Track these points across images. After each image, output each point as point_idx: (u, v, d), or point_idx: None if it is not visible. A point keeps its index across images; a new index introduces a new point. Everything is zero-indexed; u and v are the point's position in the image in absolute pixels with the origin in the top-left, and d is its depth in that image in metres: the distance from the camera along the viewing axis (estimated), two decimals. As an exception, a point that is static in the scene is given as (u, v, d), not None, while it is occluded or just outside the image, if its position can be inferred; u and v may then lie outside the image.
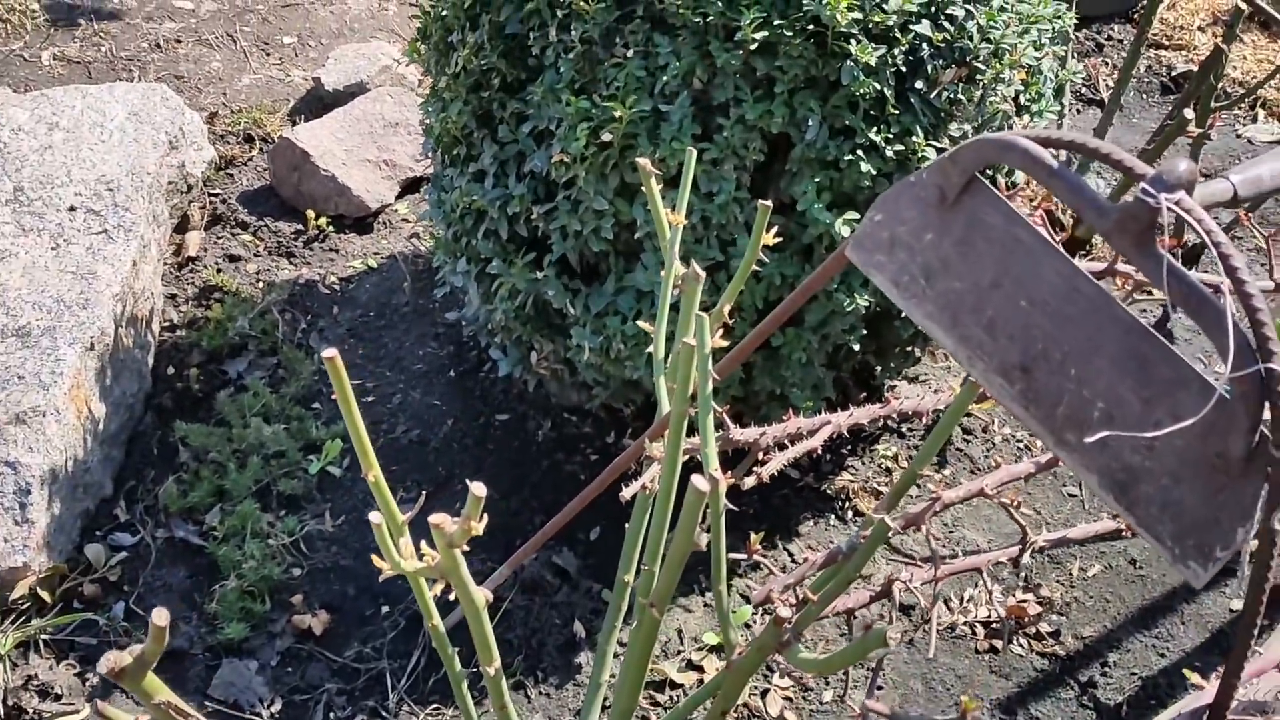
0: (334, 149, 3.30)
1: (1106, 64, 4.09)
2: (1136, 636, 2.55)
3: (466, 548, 1.41)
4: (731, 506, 1.79)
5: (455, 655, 1.88)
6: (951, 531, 2.73)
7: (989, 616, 2.55)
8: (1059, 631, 2.54)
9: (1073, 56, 3.87)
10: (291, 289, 3.11)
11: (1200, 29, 4.18)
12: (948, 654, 2.48)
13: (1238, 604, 2.60)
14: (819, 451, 2.09)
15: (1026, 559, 2.00)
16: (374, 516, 1.41)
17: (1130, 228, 1.28)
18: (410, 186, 3.48)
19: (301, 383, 2.85)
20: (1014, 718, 2.39)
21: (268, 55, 3.95)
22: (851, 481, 2.76)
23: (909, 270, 1.49)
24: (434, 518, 1.48)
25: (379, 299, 3.13)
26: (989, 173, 2.45)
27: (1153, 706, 2.41)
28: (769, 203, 1.79)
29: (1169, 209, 1.26)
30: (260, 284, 3.13)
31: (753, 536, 1.87)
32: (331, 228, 3.31)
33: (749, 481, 2.06)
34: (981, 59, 2.28)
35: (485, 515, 1.32)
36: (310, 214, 3.28)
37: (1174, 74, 4.05)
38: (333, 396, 2.87)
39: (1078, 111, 3.90)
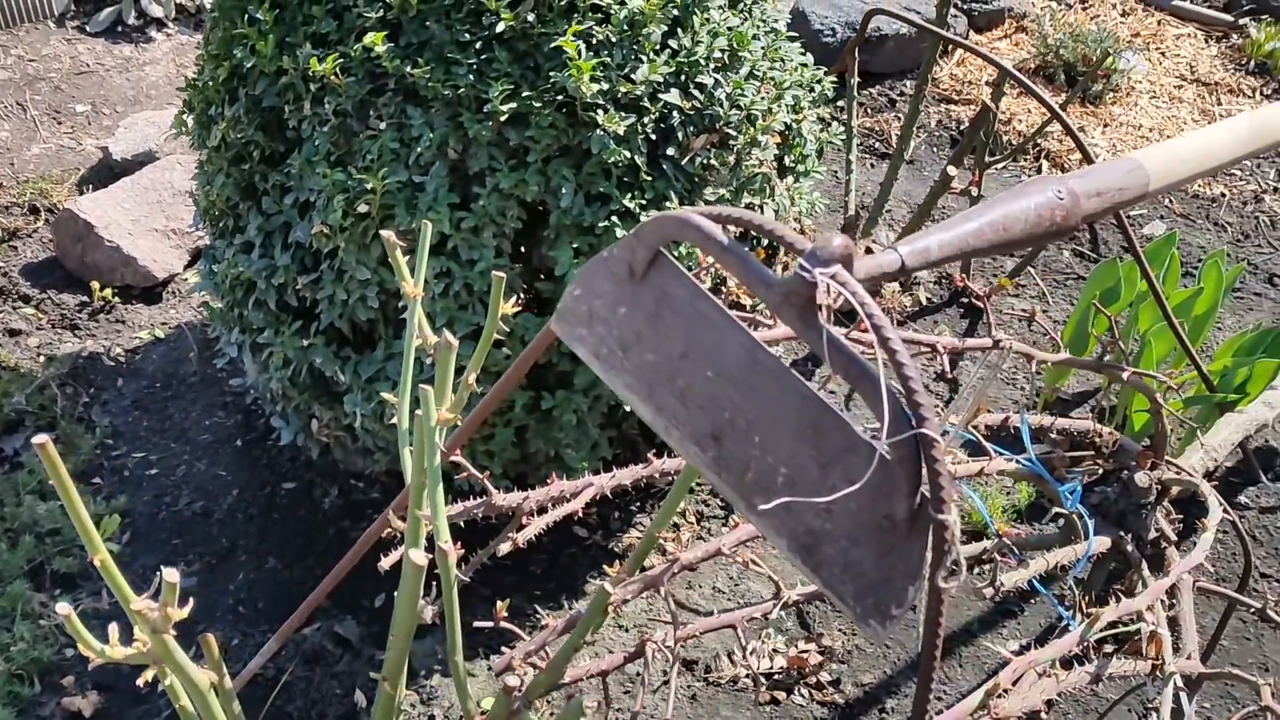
0: (120, 219, 3.26)
1: (897, 119, 4.22)
2: (914, 681, 2.61)
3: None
4: (463, 579, 1.80)
5: (210, 736, 1.86)
6: (737, 585, 2.77)
7: (771, 668, 2.60)
8: (840, 680, 2.60)
9: (861, 114, 3.99)
10: (74, 362, 3.06)
11: (988, 84, 4.35)
12: (729, 706, 2.52)
13: (1014, 645, 2.69)
14: (580, 512, 2.12)
15: (777, 613, 2.04)
16: (61, 608, 1.39)
17: (793, 302, 1.33)
18: (200, 254, 3.44)
19: (81, 458, 2.80)
20: (793, 767, 2.43)
21: (59, 124, 3.89)
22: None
23: (607, 343, 1.53)
24: (136, 604, 1.47)
25: (166, 369, 3.09)
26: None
27: (926, 749, 2.46)
28: (502, 275, 1.82)
29: (825, 283, 1.31)
30: (41, 358, 3.07)
31: (499, 604, 1.88)
32: (118, 299, 3.27)
33: (504, 548, 2.08)
34: (733, 125, 2.35)
35: (267, 593, 1.31)
36: (95, 285, 3.23)
37: (962, 128, 4.20)
38: (114, 469, 2.82)
39: (871, 166, 4.01)
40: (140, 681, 1.49)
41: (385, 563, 2.00)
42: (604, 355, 1.54)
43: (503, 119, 2.18)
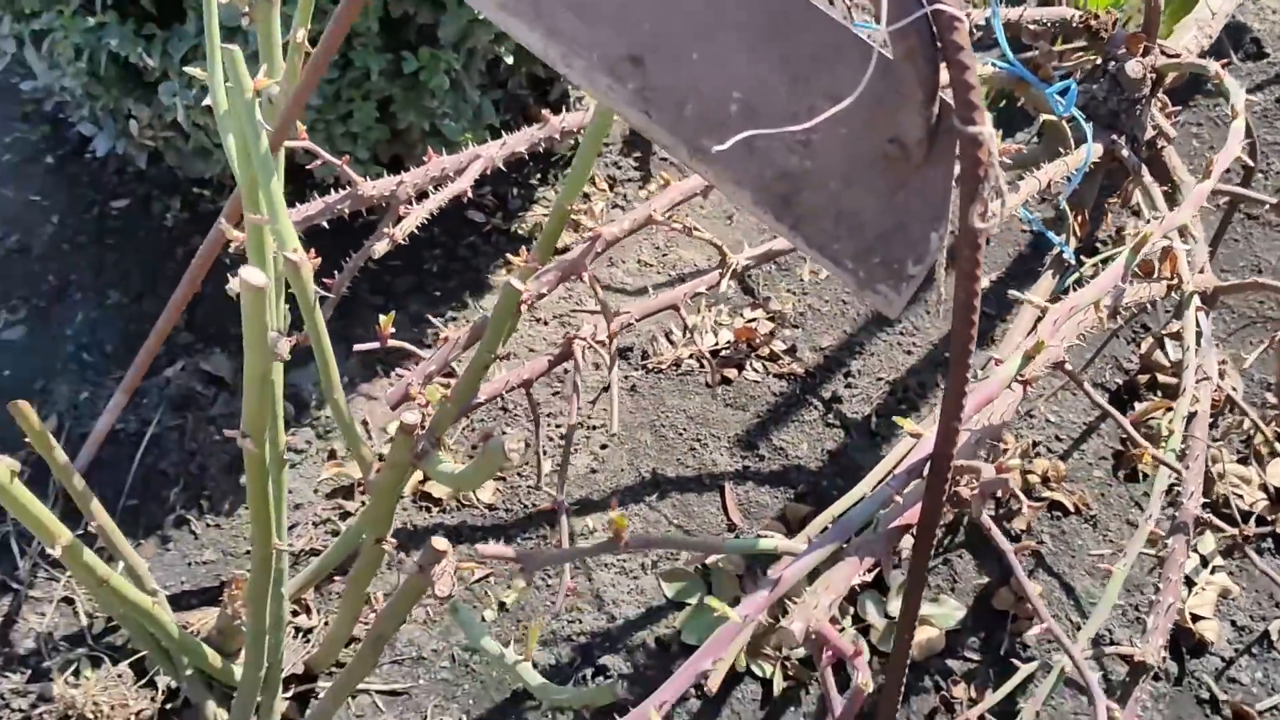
0: None
1: None
2: (879, 337, 2.29)
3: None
4: (324, 293, 1.40)
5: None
6: (665, 254, 2.40)
7: (717, 344, 2.25)
8: (795, 347, 2.27)
9: None
10: None
11: None
12: (676, 394, 2.19)
13: (985, 282, 2.36)
14: (469, 193, 1.71)
15: (726, 284, 1.67)
16: None
17: None
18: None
19: None
20: (755, 452, 2.12)
21: None
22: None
23: (466, -55, 1.08)
24: None
25: (-57, 82, 2.55)
26: None
27: (904, 413, 2.17)
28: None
29: None
30: None
31: (383, 319, 1.49)
32: None
33: (381, 248, 1.67)
34: None
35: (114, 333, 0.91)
36: None
37: None
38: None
39: None
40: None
41: (233, 285, 1.59)
42: (464, -36, 1.09)
43: None
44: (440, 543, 1.17)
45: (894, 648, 1.28)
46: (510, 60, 2.05)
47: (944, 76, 0.90)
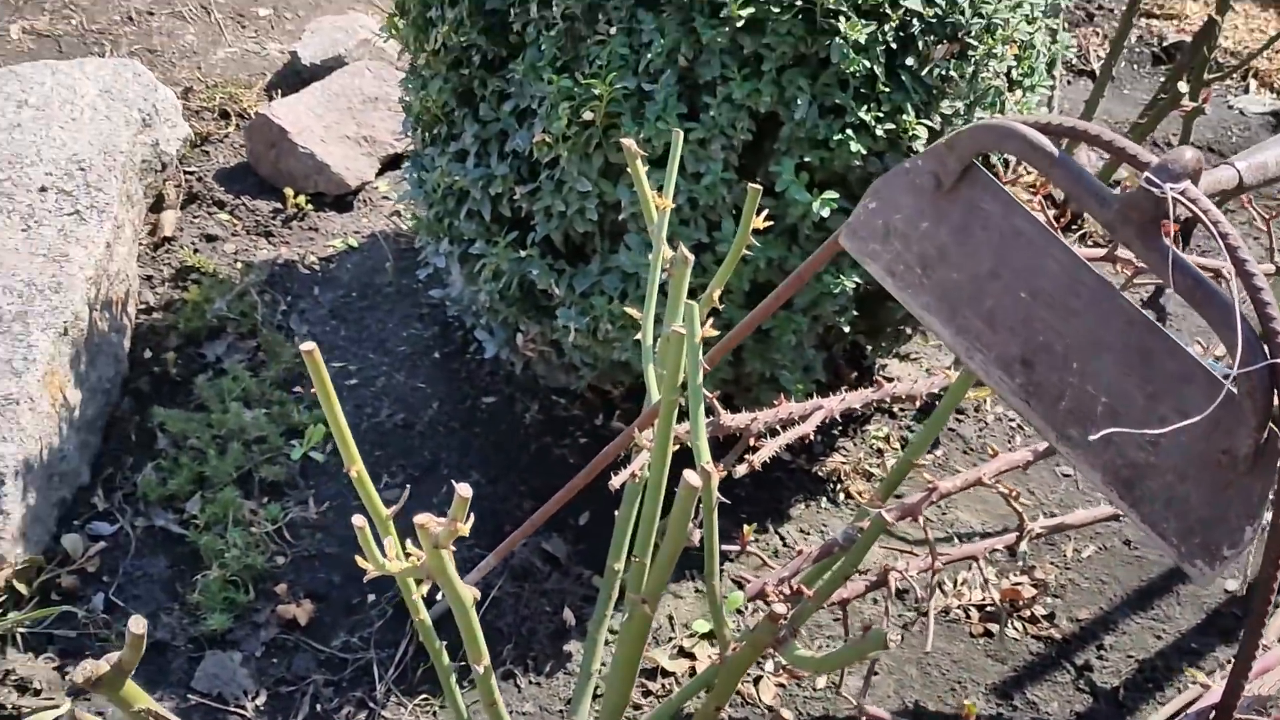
0: (312, 125, 3.23)
1: (1097, 34, 4.03)
2: (1133, 618, 2.52)
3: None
4: (724, 500, 1.74)
5: (443, 649, 1.84)
6: (945, 513, 2.70)
7: (984, 600, 2.52)
8: (1054, 614, 2.51)
9: (1064, 28, 3.82)
10: (271, 269, 3.05)
11: (1193, -3, 4.14)
12: (943, 638, 2.45)
13: (1233, 584, 2.58)
14: (810, 435, 2.06)
15: (1023, 546, 1.96)
16: (357, 520, 1.36)
17: (1134, 218, 1.24)
18: (391, 163, 3.41)
19: (282, 365, 2.79)
20: (1010, 702, 2.36)
21: (243, 28, 3.87)
22: (843, 463, 2.72)
23: (904, 259, 1.45)
24: (419, 518, 1.44)
25: (361, 279, 3.07)
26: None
27: (1149, 689, 2.38)
28: (758, 186, 1.74)
29: (1174, 199, 1.22)
30: (238, 264, 3.07)
31: (746, 528, 1.83)
32: (311, 206, 3.25)
33: (740, 470, 2.02)
34: (974, 34, 2.23)
35: (471, 509, 1.29)
36: (289, 192, 3.22)
37: (1165, 44, 3.99)
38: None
39: (1068, 83, 3.84)
40: (422, 590, 1.46)
41: (615, 481, 1.96)
42: (899, 273, 1.46)
43: (738, 25, 2.09)
44: None
45: None
46: (846, 329, 2.43)
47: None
